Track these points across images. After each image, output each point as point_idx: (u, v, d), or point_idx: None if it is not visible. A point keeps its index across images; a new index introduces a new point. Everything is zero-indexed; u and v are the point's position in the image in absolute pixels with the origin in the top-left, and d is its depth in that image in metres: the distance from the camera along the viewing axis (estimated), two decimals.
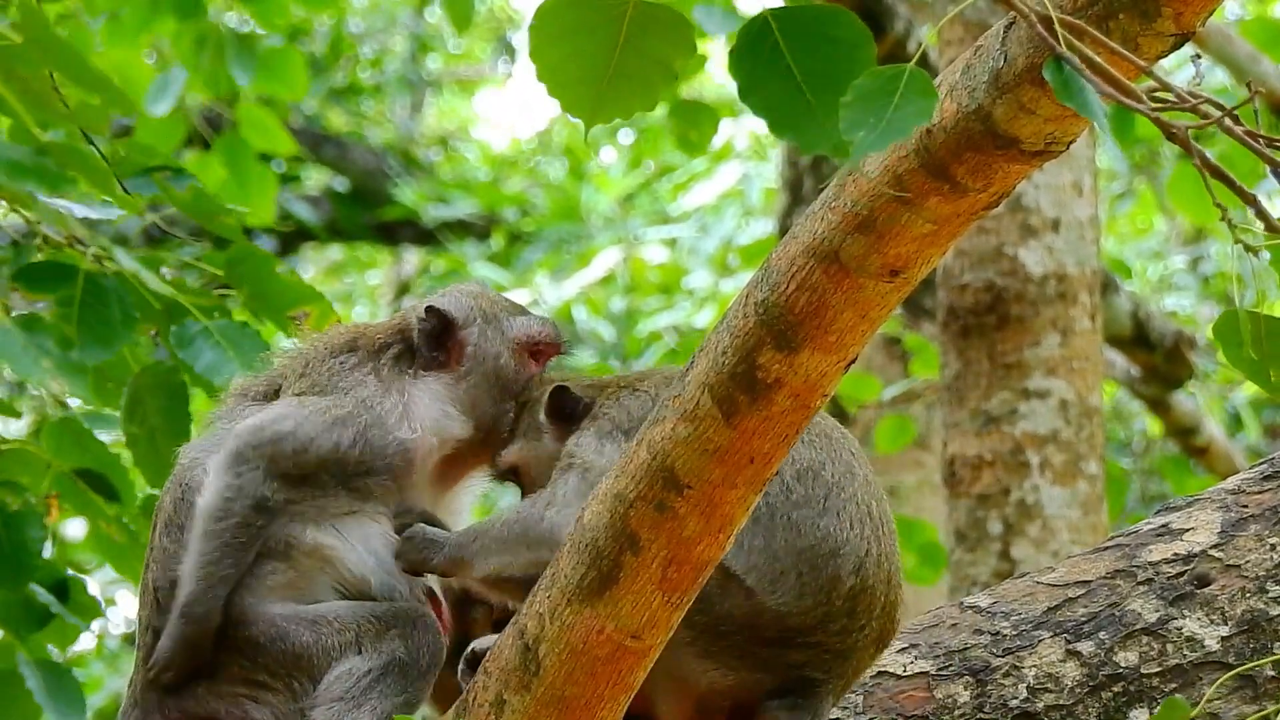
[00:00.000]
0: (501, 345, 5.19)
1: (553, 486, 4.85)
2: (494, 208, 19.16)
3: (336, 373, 5.13)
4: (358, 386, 5.10)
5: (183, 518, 5.03)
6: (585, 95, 3.79)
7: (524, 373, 5.18)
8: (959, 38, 8.81)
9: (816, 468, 4.84)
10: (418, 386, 5.14)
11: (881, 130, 3.56)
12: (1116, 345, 11.85)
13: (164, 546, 5.04)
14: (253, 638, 4.95)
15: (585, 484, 4.76)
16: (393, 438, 5.06)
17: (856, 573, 4.81)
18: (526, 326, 5.22)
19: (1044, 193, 8.91)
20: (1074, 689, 5.27)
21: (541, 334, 5.23)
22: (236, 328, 6.07)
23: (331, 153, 19.45)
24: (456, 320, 5.18)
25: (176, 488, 5.08)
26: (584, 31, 3.74)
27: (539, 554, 4.73)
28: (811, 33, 3.65)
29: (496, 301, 5.28)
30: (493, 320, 5.20)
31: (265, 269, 6.17)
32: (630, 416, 4.89)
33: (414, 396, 5.11)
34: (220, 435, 5.07)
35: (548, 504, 4.81)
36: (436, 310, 5.18)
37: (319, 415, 5.01)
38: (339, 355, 5.17)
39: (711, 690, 4.83)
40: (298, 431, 4.99)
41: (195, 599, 4.90)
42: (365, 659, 4.93)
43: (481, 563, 4.88)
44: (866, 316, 4.09)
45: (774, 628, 4.77)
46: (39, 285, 5.92)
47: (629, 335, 16.53)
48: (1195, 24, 3.76)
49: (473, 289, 5.28)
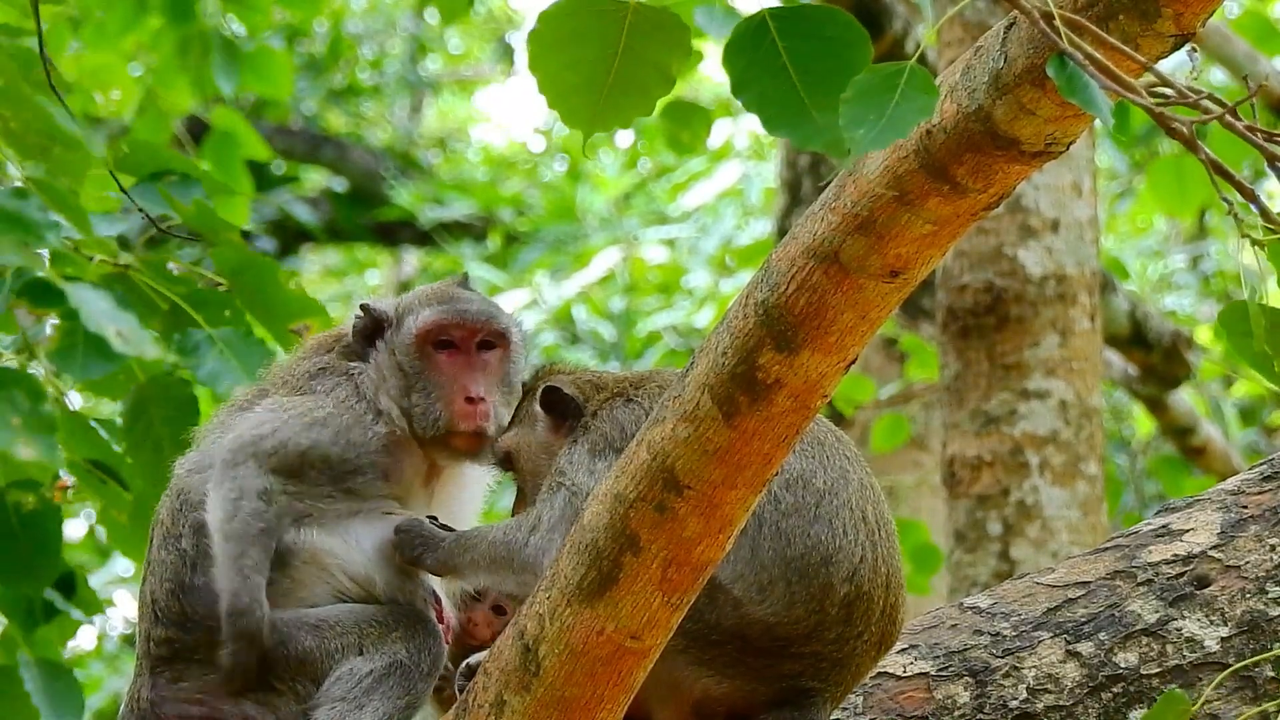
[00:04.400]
0: (401, 341, 5.22)
1: (540, 506, 4.86)
2: (491, 208, 19.16)
3: (312, 374, 5.22)
4: (335, 388, 5.18)
5: (180, 528, 5.06)
6: (584, 105, 3.80)
7: (431, 365, 5.19)
8: (958, 38, 8.81)
9: (807, 476, 4.82)
10: (354, 379, 5.22)
11: (882, 127, 3.56)
12: (1114, 345, 11.84)
13: (161, 559, 5.07)
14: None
15: (571, 509, 4.78)
16: (371, 433, 5.11)
17: (851, 580, 4.78)
18: (421, 319, 5.22)
19: (1043, 193, 8.91)
20: (1074, 690, 5.27)
21: (435, 323, 5.22)
22: (240, 336, 6.07)
23: (330, 154, 19.45)
24: (385, 317, 5.24)
25: (174, 499, 5.12)
26: (583, 39, 3.75)
27: (522, 578, 4.79)
28: (808, 31, 3.66)
29: (425, 297, 5.29)
30: (403, 316, 5.24)
31: (268, 277, 6.16)
32: (623, 433, 4.87)
33: (352, 388, 5.18)
34: (212, 447, 5.11)
35: (532, 528, 4.83)
36: (367, 307, 5.27)
37: (297, 418, 5.10)
38: (314, 357, 5.26)
39: (706, 697, 4.82)
40: (277, 433, 5.06)
41: (236, 594, 4.92)
42: (367, 660, 4.93)
43: (471, 577, 4.95)
44: (866, 317, 4.09)
45: (764, 638, 4.76)
46: (43, 300, 5.90)
47: (629, 335, 16.52)
48: (1195, 25, 3.76)
49: (423, 286, 5.34)
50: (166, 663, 5.03)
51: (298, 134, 19.36)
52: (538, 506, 4.86)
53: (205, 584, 5.00)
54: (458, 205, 19.13)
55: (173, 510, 5.10)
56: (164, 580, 5.04)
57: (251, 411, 5.16)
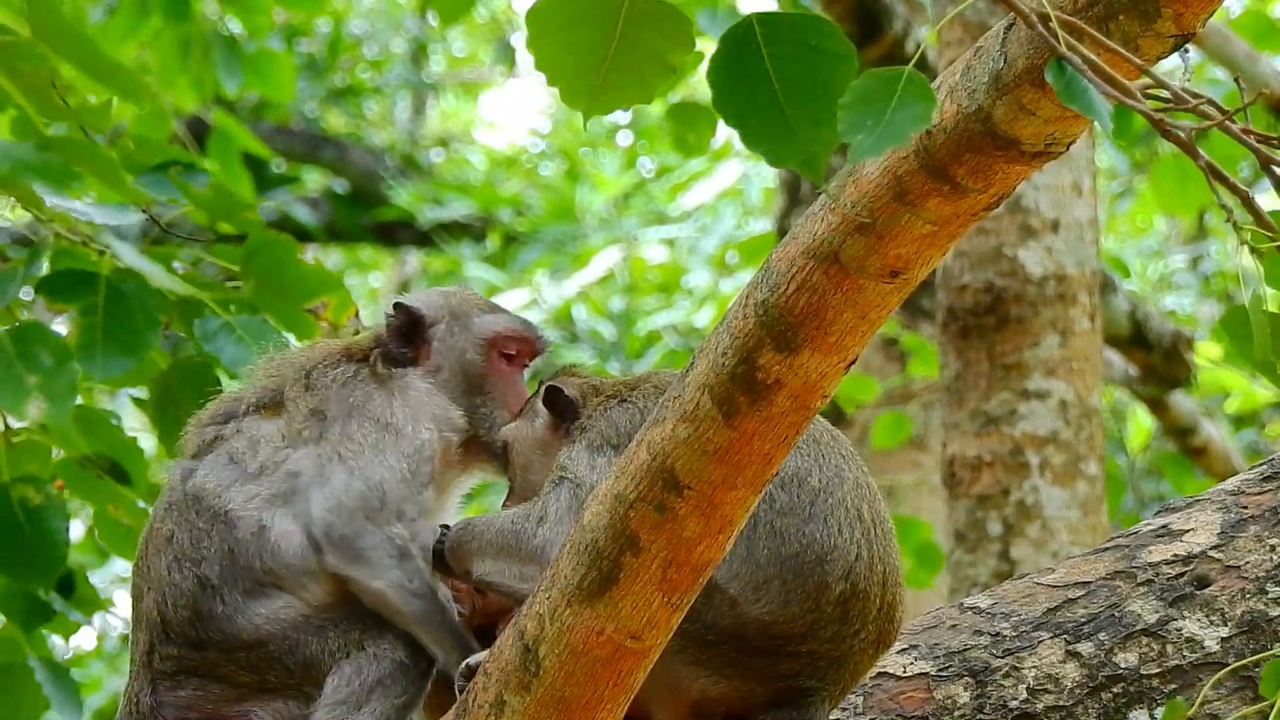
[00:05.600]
0: (467, 341, 5.19)
1: (545, 499, 4.89)
2: (490, 209, 19.16)
3: (341, 383, 5.13)
4: (367, 400, 5.11)
5: (204, 552, 4.98)
6: (583, 86, 3.78)
7: (494, 370, 5.18)
8: (958, 38, 8.81)
9: (802, 474, 4.82)
10: (406, 385, 5.16)
11: (879, 134, 3.55)
12: (1115, 345, 11.84)
13: (174, 582, 4.98)
14: (268, 654, 4.95)
15: (576, 501, 4.81)
16: (420, 440, 5.09)
17: (846, 578, 4.79)
18: (494, 323, 5.22)
19: (1043, 194, 8.91)
20: (1074, 690, 5.27)
21: (510, 331, 5.22)
22: (256, 322, 6.03)
23: (330, 154, 19.46)
24: (424, 316, 5.21)
25: (193, 513, 5.01)
26: (580, 23, 3.74)
27: (528, 568, 4.81)
28: (795, 41, 3.63)
29: (469, 299, 5.28)
30: (461, 316, 5.20)
31: (285, 256, 6.11)
32: (619, 431, 4.90)
33: (409, 396, 5.13)
34: (246, 468, 5.01)
35: (540, 519, 4.86)
36: (403, 306, 5.20)
37: (365, 456, 5.01)
38: (337, 365, 5.17)
39: (704, 697, 4.82)
40: (381, 486, 4.99)
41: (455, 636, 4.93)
42: (368, 659, 4.93)
43: (477, 564, 4.93)
44: (866, 317, 4.09)
45: (761, 637, 4.76)
46: (60, 295, 5.87)
47: (629, 335, 16.53)
48: (1195, 25, 3.76)
49: (447, 289, 5.30)
50: (170, 675, 5.01)
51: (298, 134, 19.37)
52: (542, 499, 4.89)
53: (228, 612, 4.96)
54: (456, 205, 19.13)
55: (193, 529, 5.01)
56: (178, 606, 4.96)
57: (318, 449, 5.04)
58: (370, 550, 4.92)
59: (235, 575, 4.95)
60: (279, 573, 4.94)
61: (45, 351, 5.59)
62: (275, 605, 4.94)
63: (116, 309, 5.88)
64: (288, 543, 4.94)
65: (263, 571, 4.94)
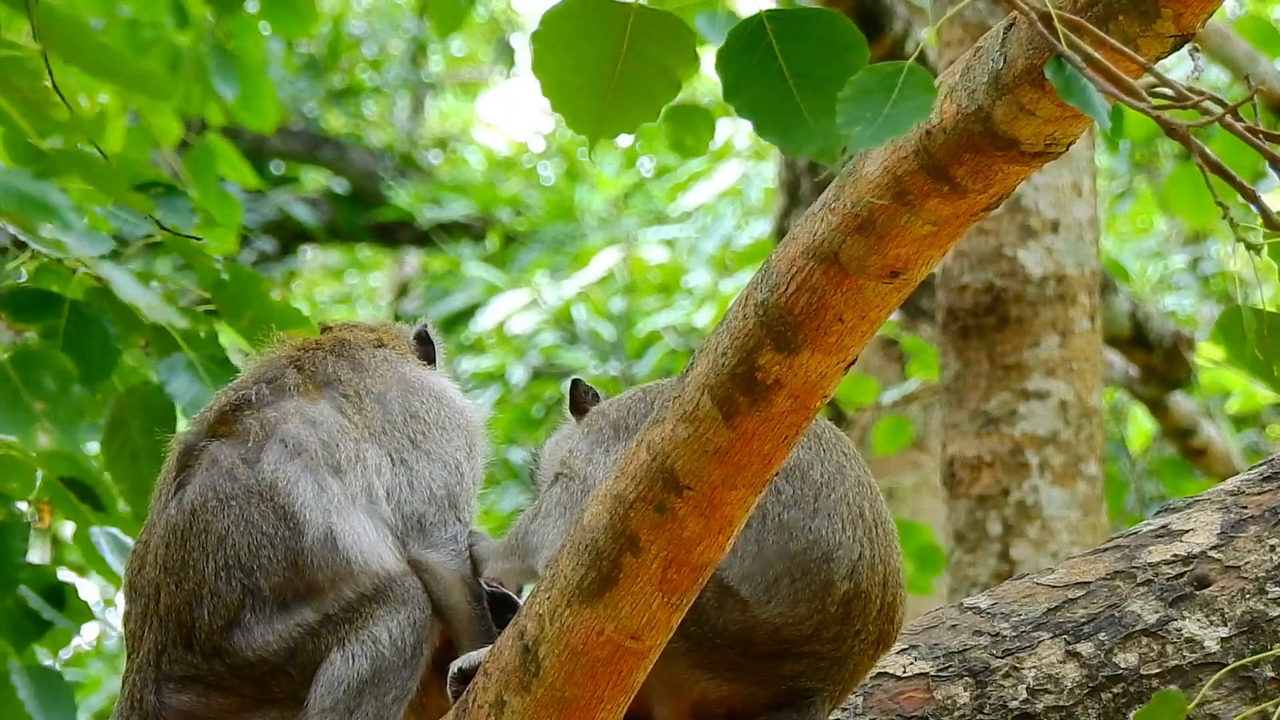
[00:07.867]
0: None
1: (544, 496, 4.97)
2: (489, 209, 19.17)
3: (389, 361, 5.21)
4: (422, 387, 5.23)
5: (261, 561, 4.89)
6: (588, 108, 3.78)
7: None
8: (958, 38, 8.81)
9: (804, 467, 4.84)
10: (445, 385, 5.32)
11: (879, 126, 3.55)
12: (1115, 346, 11.84)
13: (218, 590, 4.90)
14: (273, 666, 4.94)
15: (568, 495, 4.86)
16: (481, 441, 5.22)
17: (850, 577, 4.79)
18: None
19: (1043, 194, 8.91)
20: (1073, 690, 5.27)
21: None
22: (220, 362, 5.99)
23: (330, 154, 19.47)
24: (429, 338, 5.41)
25: (259, 518, 4.93)
26: (586, 39, 3.74)
27: (523, 564, 4.91)
28: (805, 34, 3.65)
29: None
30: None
31: (253, 291, 6.07)
32: (621, 421, 4.96)
33: (453, 395, 5.28)
34: (318, 460, 4.98)
35: (533, 516, 4.95)
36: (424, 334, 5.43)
37: (439, 444, 5.13)
38: (378, 349, 5.25)
39: (705, 699, 4.83)
40: (449, 474, 5.10)
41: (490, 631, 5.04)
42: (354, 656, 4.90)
43: (491, 565, 5.02)
44: (866, 318, 4.09)
45: (769, 641, 4.76)
46: (24, 315, 5.79)
47: (629, 335, 16.52)
48: (1195, 25, 3.76)
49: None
50: (176, 679, 5.00)
51: (297, 134, 19.37)
52: (542, 497, 4.98)
53: (261, 628, 4.92)
54: (456, 206, 19.14)
55: (253, 533, 4.91)
56: (216, 615, 4.89)
57: (392, 439, 5.09)
58: (449, 542, 5.01)
59: (287, 587, 4.90)
60: (331, 578, 4.91)
61: (49, 375, 5.54)
62: (300, 616, 4.92)
63: (79, 333, 5.81)
64: (356, 543, 4.92)
65: (317, 579, 4.91)
